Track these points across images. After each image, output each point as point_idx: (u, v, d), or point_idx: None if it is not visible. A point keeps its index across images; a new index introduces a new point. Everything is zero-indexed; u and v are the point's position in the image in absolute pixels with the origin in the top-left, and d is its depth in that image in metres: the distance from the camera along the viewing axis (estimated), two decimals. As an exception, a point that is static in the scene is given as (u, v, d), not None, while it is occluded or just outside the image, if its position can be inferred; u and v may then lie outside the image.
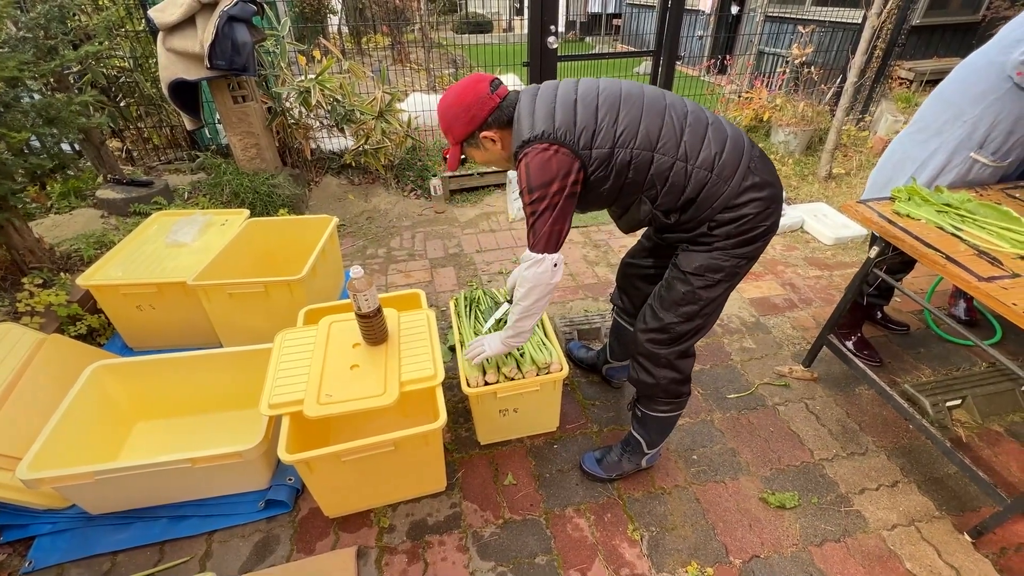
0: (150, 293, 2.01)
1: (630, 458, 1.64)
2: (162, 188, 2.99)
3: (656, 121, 1.17)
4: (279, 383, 1.46)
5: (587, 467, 1.68)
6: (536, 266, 1.23)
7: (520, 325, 1.39)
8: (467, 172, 3.65)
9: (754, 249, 1.25)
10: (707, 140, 1.19)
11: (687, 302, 1.29)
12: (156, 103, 3.52)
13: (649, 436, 1.57)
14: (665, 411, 1.48)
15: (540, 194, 1.15)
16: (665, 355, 1.37)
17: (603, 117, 1.16)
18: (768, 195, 1.20)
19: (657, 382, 1.40)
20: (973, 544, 1.50)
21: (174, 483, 1.50)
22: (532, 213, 1.18)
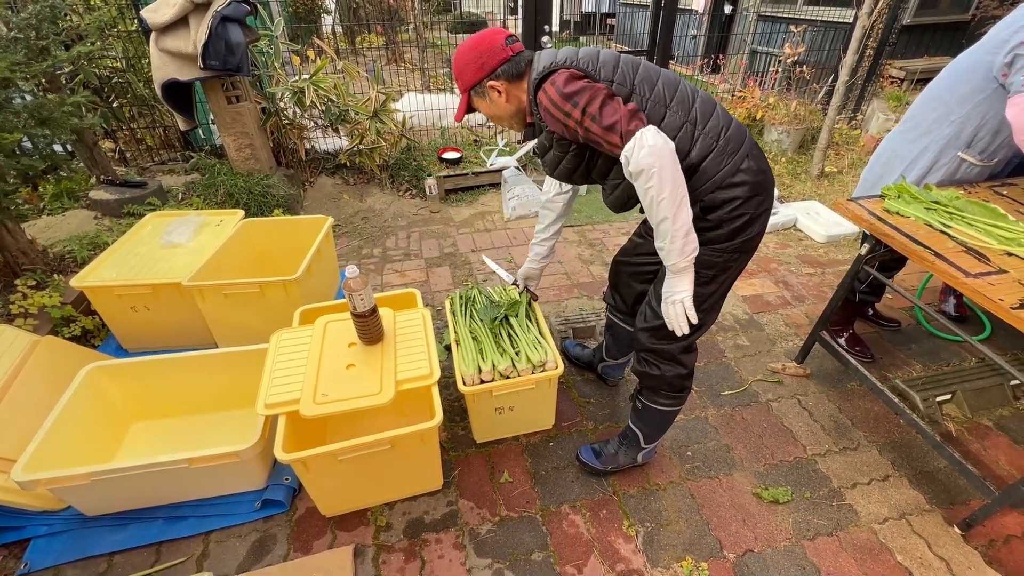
0: (145, 294, 2.01)
1: (627, 452, 1.65)
2: (156, 189, 2.98)
3: (671, 85, 1.19)
4: (275, 383, 1.46)
5: (583, 458, 1.70)
6: (639, 148, 1.05)
7: (680, 222, 1.10)
8: (462, 172, 3.66)
9: (745, 241, 1.23)
10: (716, 113, 1.20)
11: None
12: (149, 104, 3.51)
13: (647, 430, 1.58)
14: (666, 404, 1.49)
15: (588, 94, 1.07)
16: (669, 350, 1.38)
17: (622, 68, 1.17)
18: (762, 180, 1.20)
19: (663, 375, 1.42)
20: (963, 536, 1.52)
21: (170, 484, 1.51)
22: (592, 116, 1.08)
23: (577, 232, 3.24)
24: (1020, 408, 1.94)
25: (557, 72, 1.12)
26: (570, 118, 1.10)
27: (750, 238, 1.24)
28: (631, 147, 1.06)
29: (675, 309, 1.22)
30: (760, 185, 1.20)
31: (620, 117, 1.06)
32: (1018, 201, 1.65)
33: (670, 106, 1.17)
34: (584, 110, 1.08)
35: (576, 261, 2.91)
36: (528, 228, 3.28)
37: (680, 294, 1.21)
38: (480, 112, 1.32)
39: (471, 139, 4.17)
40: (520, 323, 1.77)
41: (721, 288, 1.32)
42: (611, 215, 3.43)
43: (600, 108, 1.07)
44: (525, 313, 1.82)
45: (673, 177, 1.06)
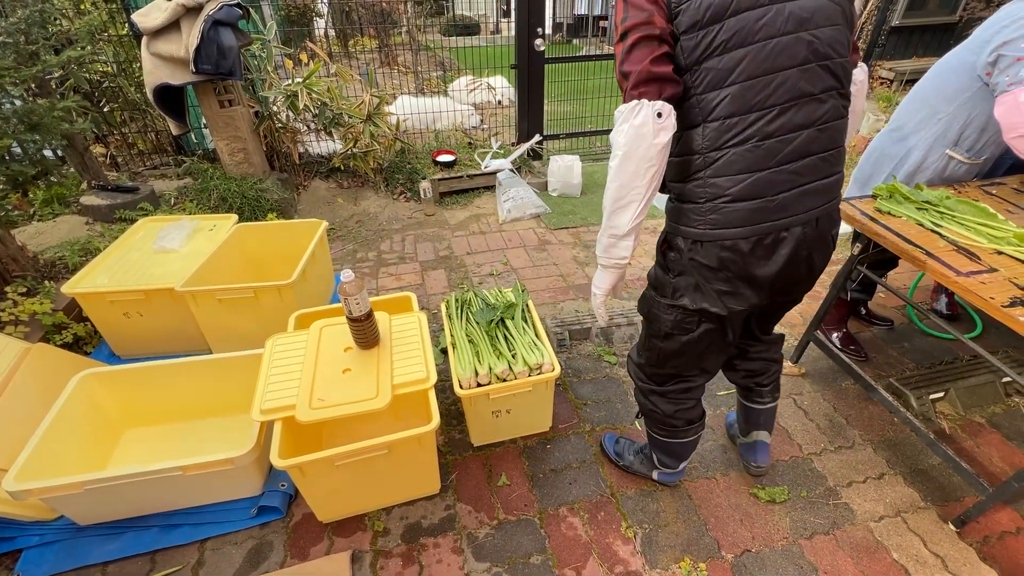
0: (137, 300, 1.99)
1: (642, 463, 1.67)
2: (148, 194, 2.96)
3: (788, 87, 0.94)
4: (271, 388, 1.45)
5: (605, 445, 1.76)
6: (624, 121, 0.94)
7: (613, 222, 1.04)
8: (457, 175, 3.66)
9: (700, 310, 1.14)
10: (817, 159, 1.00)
11: (647, 336, 1.34)
12: (140, 108, 3.49)
13: (656, 453, 1.56)
14: (656, 433, 1.48)
15: (633, 20, 0.92)
16: (644, 387, 1.43)
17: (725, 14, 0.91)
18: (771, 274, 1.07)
19: (642, 407, 1.48)
20: (957, 533, 1.53)
21: (165, 491, 1.49)
22: (625, 48, 0.94)
23: (572, 234, 3.25)
24: (1012, 405, 1.96)
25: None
26: (615, 35, 0.97)
27: (708, 311, 1.11)
28: (620, 113, 0.96)
29: (593, 300, 1.26)
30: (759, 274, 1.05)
31: (634, 71, 0.92)
32: (1007, 200, 1.67)
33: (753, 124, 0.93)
34: (621, 35, 0.95)
35: (571, 263, 2.92)
36: (523, 230, 3.29)
37: (596, 288, 1.22)
38: None
39: (465, 142, 4.17)
40: (516, 325, 1.77)
41: (684, 349, 1.22)
42: (606, 217, 3.43)
43: (631, 47, 0.93)
44: (521, 315, 1.82)
45: (633, 175, 0.96)
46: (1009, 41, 1.45)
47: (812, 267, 1.13)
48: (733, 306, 1.10)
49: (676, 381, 1.36)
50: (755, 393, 1.55)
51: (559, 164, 3.66)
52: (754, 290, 1.09)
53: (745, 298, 1.10)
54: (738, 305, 1.10)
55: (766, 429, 1.61)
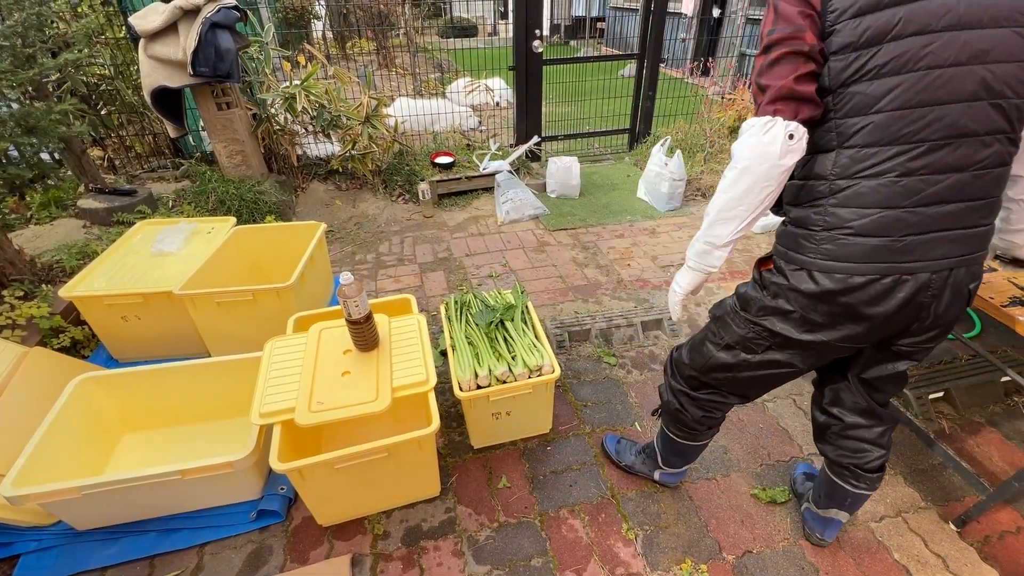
0: (135, 303, 1.98)
1: (644, 462, 1.65)
2: (145, 197, 2.95)
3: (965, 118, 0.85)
4: (270, 391, 1.45)
5: (606, 445, 1.75)
6: (752, 135, 0.90)
7: (713, 232, 1.02)
8: (455, 176, 3.66)
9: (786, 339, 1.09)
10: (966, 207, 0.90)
11: (698, 350, 1.28)
12: (138, 111, 3.48)
13: (662, 451, 1.53)
14: (671, 432, 1.44)
15: (780, 34, 0.88)
16: (673, 385, 1.39)
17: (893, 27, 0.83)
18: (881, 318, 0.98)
19: (665, 402, 1.43)
20: (958, 533, 1.53)
21: (163, 496, 1.48)
22: (765, 61, 0.90)
23: (571, 235, 3.25)
24: (1011, 405, 1.96)
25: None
26: (761, 38, 0.91)
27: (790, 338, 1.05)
28: (750, 125, 0.91)
29: (671, 296, 1.22)
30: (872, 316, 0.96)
31: (773, 86, 0.87)
32: (1005, 200, 1.67)
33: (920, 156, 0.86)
34: (765, 47, 0.90)
35: (570, 264, 2.92)
36: (522, 232, 3.29)
37: (677, 286, 1.19)
38: None
39: (464, 144, 4.17)
40: (516, 327, 1.77)
41: (736, 366, 1.16)
42: (604, 217, 3.44)
43: (775, 61, 0.88)
44: (521, 317, 1.82)
45: (746, 191, 0.92)
46: None
47: (939, 319, 0.97)
48: (822, 336, 1.02)
49: (711, 392, 1.29)
50: (852, 475, 1.30)
51: (557, 165, 3.66)
52: (856, 324, 0.99)
53: (841, 330, 1.00)
54: (829, 336, 1.01)
55: (848, 512, 1.39)
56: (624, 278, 2.77)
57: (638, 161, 4.26)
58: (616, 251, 3.04)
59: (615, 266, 2.89)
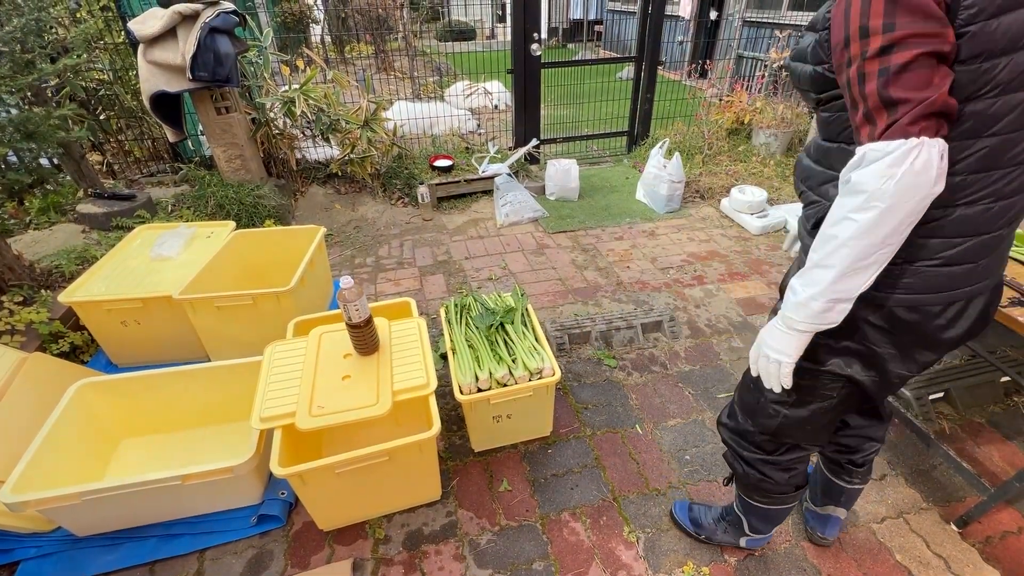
0: (135, 308, 1.98)
1: (727, 529, 1.46)
2: (144, 201, 2.95)
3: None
4: (270, 396, 1.44)
5: (679, 518, 1.54)
6: (892, 165, 0.69)
7: (843, 285, 0.79)
8: (454, 179, 3.66)
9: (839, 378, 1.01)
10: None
11: (762, 413, 1.15)
12: (137, 115, 3.48)
13: (749, 520, 1.37)
14: (761, 503, 1.30)
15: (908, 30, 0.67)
16: (750, 457, 1.24)
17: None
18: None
19: (746, 475, 1.27)
20: (959, 534, 1.53)
21: (164, 501, 1.48)
22: (882, 69, 0.69)
23: (570, 237, 3.25)
24: (1011, 405, 1.97)
25: None
26: (853, 43, 0.70)
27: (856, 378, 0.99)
28: (884, 152, 0.70)
29: (771, 368, 0.95)
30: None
31: (914, 100, 0.67)
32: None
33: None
34: (883, 48, 0.68)
35: (570, 267, 2.92)
36: (521, 234, 3.29)
37: (781, 355, 0.92)
38: None
39: (463, 147, 4.18)
40: (516, 330, 1.77)
41: (814, 417, 1.07)
42: (604, 220, 3.45)
43: (906, 65, 0.67)
44: (521, 320, 1.82)
45: (894, 231, 0.73)
46: None
47: (987, 321, 0.94)
48: (898, 370, 0.94)
49: (791, 449, 1.17)
50: (845, 471, 1.33)
51: (556, 168, 3.66)
52: (933, 352, 0.93)
53: (917, 363, 0.94)
54: (905, 370, 0.95)
55: (845, 508, 1.42)
56: (624, 280, 2.77)
57: (636, 163, 4.27)
58: (615, 253, 3.05)
59: (615, 268, 2.89)
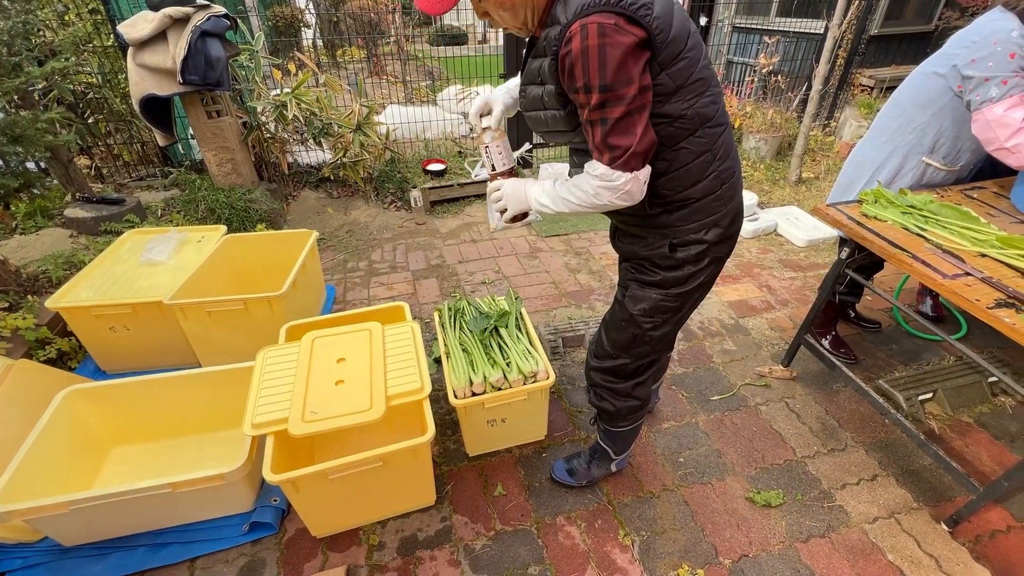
0: (124, 314, 1.95)
1: (599, 464, 1.65)
2: (134, 206, 2.91)
3: (716, 94, 1.02)
4: (262, 402, 1.43)
5: (557, 476, 1.69)
6: (616, 185, 0.96)
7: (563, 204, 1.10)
8: (447, 183, 3.66)
9: (699, 286, 1.19)
10: (734, 150, 1.11)
11: (639, 344, 1.29)
12: (126, 119, 3.45)
13: (615, 447, 1.58)
14: (626, 426, 1.49)
15: (623, 89, 0.87)
16: (623, 388, 1.39)
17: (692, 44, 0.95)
18: (735, 229, 1.17)
19: (618, 410, 1.42)
20: (950, 533, 1.55)
21: (153, 510, 1.46)
22: (603, 119, 0.91)
23: (563, 241, 3.26)
24: (998, 405, 1.99)
25: (613, 17, 0.84)
26: (586, 94, 0.89)
27: (704, 281, 1.20)
28: (612, 176, 0.96)
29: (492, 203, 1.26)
30: (731, 232, 1.16)
31: (628, 145, 0.91)
32: (988, 204, 1.71)
33: (706, 124, 1.00)
34: (603, 104, 0.88)
35: (563, 270, 2.93)
36: (515, 238, 3.29)
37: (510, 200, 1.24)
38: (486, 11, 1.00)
39: (455, 151, 4.18)
40: (510, 334, 1.77)
41: (675, 327, 1.30)
42: (597, 223, 3.46)
43: (621, 119, 0.89)
44: (515, 323, 1.82)
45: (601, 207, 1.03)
46: (977, 59, 1.50)
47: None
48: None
49: (654, 364, 1.39)
50: None
51: (549, 172, 3.67)
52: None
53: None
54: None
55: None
56: (616, 284, 2.78)
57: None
58: (608, 257, 3.06)
59: (608, 272, 2.90)
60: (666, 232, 1.12)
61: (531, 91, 1.06)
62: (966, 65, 1.53)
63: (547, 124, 1.08)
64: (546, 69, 0.97)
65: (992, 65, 1.48)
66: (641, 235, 1.18)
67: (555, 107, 1.01)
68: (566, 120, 1.02)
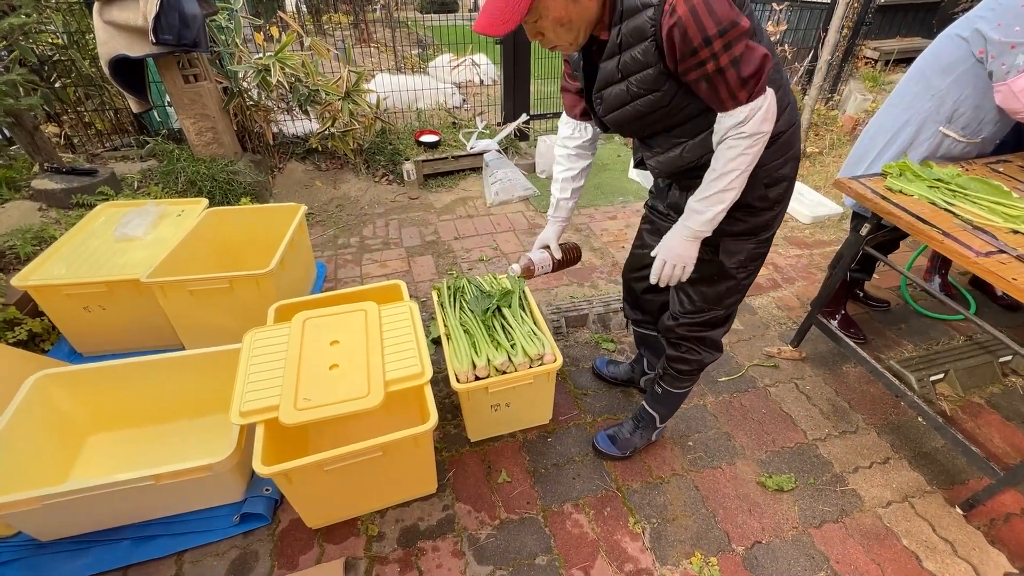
0: (99, 292, 1.82)
1: (642, 433, 1.64)
2: (108, 177, 2.73)
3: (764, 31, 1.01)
4: (251, 388, 1.33)
5: (601, 447, 1.66)
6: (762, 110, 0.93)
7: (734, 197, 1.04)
8: (441, 156, 3.50)
9: (775, 228, 1.21)
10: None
11: (733, 293, 1.27)
12: (97, 83, 3.21)
13: (665, 411, 1.58)
14: (686, 386, 1.48)
15: (740, 28, 0.85)
16: (712, 337, 1.36)
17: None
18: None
19: (703, 360, 1.39)
20: (964, 517, 1.52)
21: (135, 502, 1.37)
22: (734, 59, 0.87)
23: (563, 217, 3.14)
24: (1009, 385, 1.96)
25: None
26: (708, 47, 0.85)
27: (779, 223, 1.21)
28: (755, 107, 0.92)
29: (675, 272, 1.17)
30: (797, 168, 1.17)
31: (759, 68, 0.88)
32: (1015, 178, 1.63)
33: (774, 59, 0.97)
34: (728, 45, 0.85)
35: (563, 247, 2.82)
36: (512, 213, 3.17)
37: (689, 260, 1.15)
38: (547, 13, 0.92)
39: (449, 122, 4.00)
40: (514, 314, 1.67)
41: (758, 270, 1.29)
42: (596, 199, 3.34)
43: (745, 51, 0.87)
44: (519, 303, 1.72)
45: (755, 155, 0.98)
46: (1003, 24, 1.39)
47: None
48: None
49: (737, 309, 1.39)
50: None
51: (547, 144, 3.53)
52: None
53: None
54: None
55: None
56: (619, 261, 2.69)
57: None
58: (609, 233, 2.96)
59: (609, 249, 2.81)
60: (757, 173, 1.06)
61: (612, 92, 1.04)
62: (991, 29, 1.42)
63: (639, 113, 1.03)
64: (631, 60, 0.95)
65: (1019, 30, 1.38)
66: None
67: (649, 89, 0.98)
68: (661, 98, 0.98)
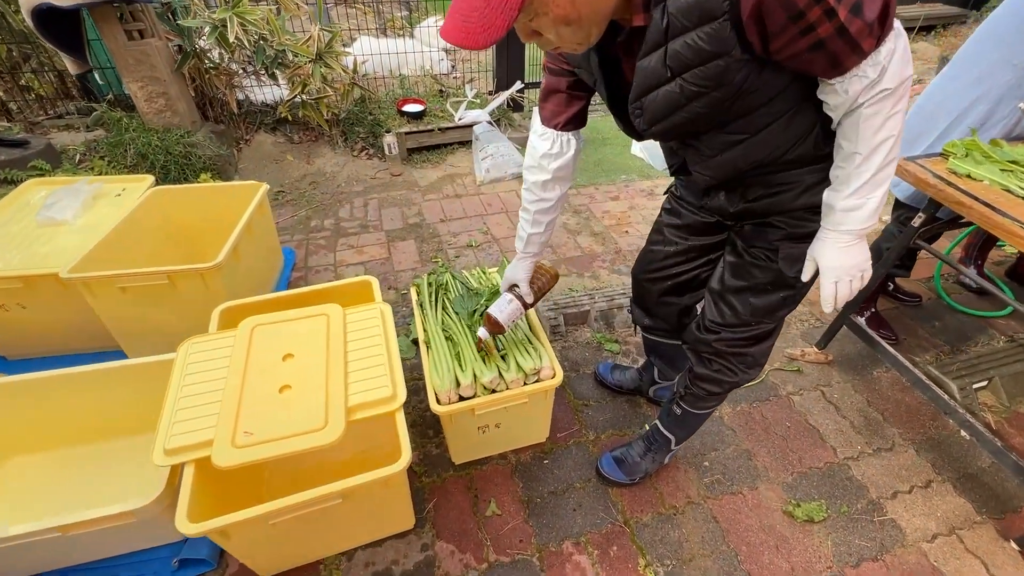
0: (15, 288, 1.54)
1: (654, 457, 1.43)
2: (43, 149, 2.40)
3: None
4: (180, 417, 1.08)
5: (606, 471, 1.45)
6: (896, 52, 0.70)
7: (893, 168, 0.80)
8: (427, 128, 3.18)
9: None
10: None
11: (788, 304, 1.04)
12: (32, 41, 2.83)
13: (682, 434, 1.38)
14: (711, 407, 1.29)
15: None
16: (757, 352, 1.13)
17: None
18: None
19: (738, 381, 1.17)
20: (1021, 554, 1.32)
21: (46, 552, 1.13)
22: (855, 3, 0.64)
23: (560, 197, 2.86)
24: (1057, 393, 1.76)
25: None
26: (816, 4, 0.64)
27: None
28: (889, 50, 0.68)
29: (853, 286, 0.89)
30: None
31: (883, 7, 0.66)
32: (1096, 160, 1.38)
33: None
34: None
35: (561, 232, 2.56)
36: (504, 193, 2.88)
37: (865, 263, 0.88)
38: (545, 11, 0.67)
39: (436, 89, 3.65)
40: (505, 318, 1.42)
41: None
42: (596, 177, 3.06)
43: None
44: (511, 305, 1.47)
45: (904, 107, 0.75)
46: None
47: None
48: None
49: None
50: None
51: (543, 116, 3.22)
52: None
53: None
54: None
55: None
56: (622, 247, 2.43)
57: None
58: (611, 216, 2.69)
59: (611, 233, 2.54)
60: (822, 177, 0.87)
61: (659, 95, 0.79)
62: None
63: (697, 115, 0.78)
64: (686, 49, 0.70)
65: None
66: (797, 179, 0.89)
67: (716, 85, 0.73)
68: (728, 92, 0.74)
